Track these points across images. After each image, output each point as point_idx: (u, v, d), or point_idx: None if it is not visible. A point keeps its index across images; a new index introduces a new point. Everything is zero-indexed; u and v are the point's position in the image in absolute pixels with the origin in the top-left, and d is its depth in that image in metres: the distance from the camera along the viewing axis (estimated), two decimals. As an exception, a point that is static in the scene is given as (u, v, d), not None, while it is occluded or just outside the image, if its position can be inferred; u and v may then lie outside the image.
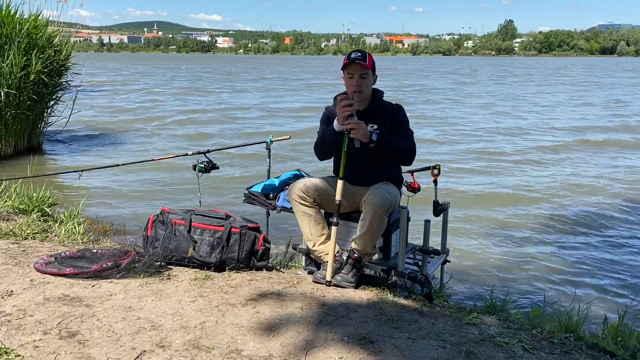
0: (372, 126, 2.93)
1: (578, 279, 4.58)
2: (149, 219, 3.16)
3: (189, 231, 3.05)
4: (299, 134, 10.79)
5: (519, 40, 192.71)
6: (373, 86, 3.04)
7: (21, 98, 8.19)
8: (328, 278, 2.91)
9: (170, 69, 50.17)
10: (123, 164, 5.06)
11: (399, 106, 3.05)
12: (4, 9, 8.16)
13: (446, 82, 34.31)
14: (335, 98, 3.16)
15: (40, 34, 8.44)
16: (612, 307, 3.81)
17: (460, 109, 18.26)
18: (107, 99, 17.43)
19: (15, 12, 8.30)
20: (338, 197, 2.88)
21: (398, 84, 30.86)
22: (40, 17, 8.62)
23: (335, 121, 2.90)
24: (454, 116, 16.15)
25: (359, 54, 2.93)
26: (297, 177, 3.67)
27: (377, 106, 3.00)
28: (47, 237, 3.69)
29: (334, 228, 2.89)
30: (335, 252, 3.01)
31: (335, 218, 2.90)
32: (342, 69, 2.96)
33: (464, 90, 27.07)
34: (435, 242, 3.47)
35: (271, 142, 3.95)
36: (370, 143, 2.82)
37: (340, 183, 2.88)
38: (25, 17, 8.44)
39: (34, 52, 8.18)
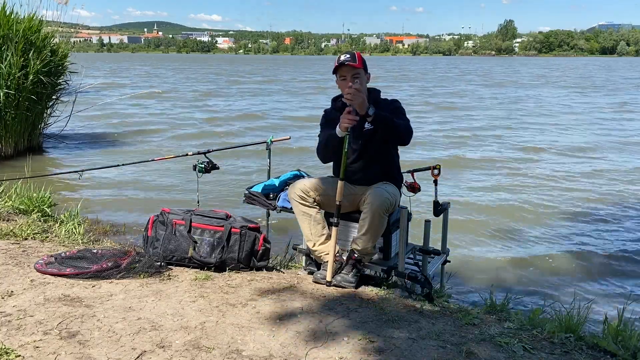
0: (369, 123, 2.94)
1: (578, 279, 4.58)
2: (149, 219, 3.16)
3: (189, 231, 3.06)
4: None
5: (519, 40, 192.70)
6: (368, 85, 3.05)
7: (20, 99, 8.19)
8: (328, 278, 2.91)
9: (178, 70, 49.82)
10: (123, 164, 5.06)
11: (394, 99, 3.10)
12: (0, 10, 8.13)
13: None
14: (333, 100, 3.17)
15: (36, 34, 8.41)
16: (612, 307, 3.81)
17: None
18: (107, 99, 17.41)
19: (11, 13, 8.28)
20: (338, 198, 2.88)
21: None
22: (35, 17, 8.59)
23: (337, 128, 2.91)
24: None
25: (348, 56, 2.95)
26: (297, 177, 3.67)
27: (375, 104, 3.00)
28: (47, 237, 3.69)
29: (334, 229, 2.89)
30: (336, 252, 3.01)
31: (335, 219, 2.90)
32: (334, 72, 2.98)
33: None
34: (435, 242, 3.47)
35: (271, 142, 3.95)
36: (367, 116, 2.82)
37: (340, 184, 2.88)
38: (22, 17, 8.42)
39: (31, 52, 8.17)
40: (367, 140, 2.99)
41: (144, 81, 32.62)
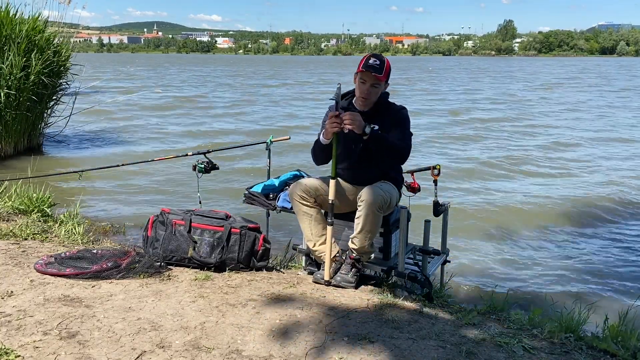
0: (374, 126, 2.94)
1: (578, 279, 4.58)
2: (149, 220, 3.16)
3: (189, 231, 3.06)
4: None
5: (518, 40, 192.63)
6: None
7: (21, 99, 8.19)
8: (326, 278, 2.92)
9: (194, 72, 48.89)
10: (123, 164, 5.05)
11: (403, 107, 3.05)
12: (3, 10, 8.15)
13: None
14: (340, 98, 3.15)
15: (39, 35, 8.42)
16: (612, 307, 3.81)
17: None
18: (107, 99, 17.41)
19: (15, 14, 8.30)
20: (331, 197, 2.88)
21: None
22: (39, 18, 8.61)
23: (321, 135, 2.92)
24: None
25: (377, 63, 2.86)
26: (297, 177, 3.67)
27: (381, 108, 3.00)
28: (47, 237, 3.69)
29: (329, 228, 2.90)
30: (336, 252, 3.02)
31: (330, 218, 2.90)
32: (357, 72, 2.94)
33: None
34: (435, 242, 3.47)
35: (271, 142, 3.95)
36: (363, 135, 2.81)
37: (332, 183, 2.88)
38: (25, 17, 8.43)
39: (34, 53, 8.17)
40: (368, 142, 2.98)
41: (152, 83, 32.57)
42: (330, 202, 2.89)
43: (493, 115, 16.37)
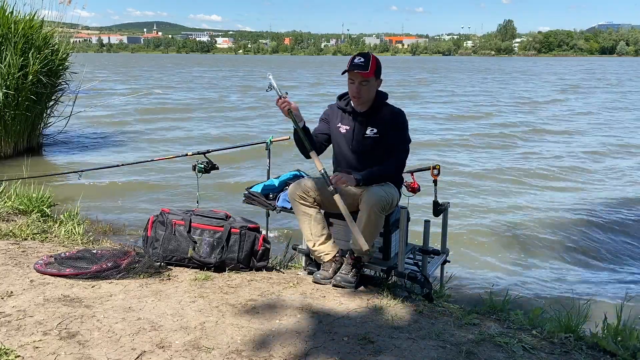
0: (372, 129, 2.94)
1: (578, 279, 4.58)
2: (148, 220, 3.16)
3: (189, 232, 3.06)
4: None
5: (518, 40, 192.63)
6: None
7: (20, 99, 8.18)
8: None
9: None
10: (123, 164, 5.06)
11: (400, 111, 3.03)
12: None
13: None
14: (338, 98, 3.16)
15: (36, 34, 8.40)
16: (612, 307, 3.81)
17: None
18: (107, 99, 17.41)
19: (11, 13, 8.28)
20: (319, 167, 2.86)
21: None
22: (35, 17, 8.58)
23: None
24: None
25: (362, 61, 2.88)
26: (297, 177, 3.66)
27: (378, 109, 3.00)
28: (47, 237, 3.69)
29: (337, 196, 2.81)
30: (336, 252, 3.02)
31: (331, 187, 2.83)
32: (345, 72, 2.95)
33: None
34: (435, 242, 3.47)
35: (271, 142, 3.95)
36: (358, 184, 2.86)
37: (313, 154, 2.88)
38: (22, 17, 8.41)
39: (31, 52, 8.16)
40: (368, 145, 2.98)
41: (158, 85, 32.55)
42: (320, 171, 2.86)
43: (510, 119, 16.12)
